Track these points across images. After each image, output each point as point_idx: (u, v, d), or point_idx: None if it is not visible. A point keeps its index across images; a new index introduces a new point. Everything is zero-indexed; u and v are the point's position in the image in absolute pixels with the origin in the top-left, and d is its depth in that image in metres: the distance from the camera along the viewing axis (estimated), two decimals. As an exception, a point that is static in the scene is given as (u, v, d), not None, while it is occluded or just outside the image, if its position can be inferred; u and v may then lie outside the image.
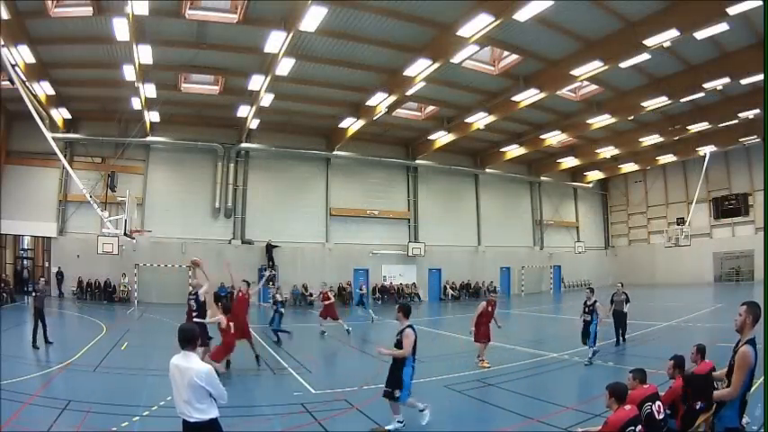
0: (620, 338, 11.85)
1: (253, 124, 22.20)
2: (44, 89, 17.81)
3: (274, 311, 12.89)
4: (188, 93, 19.87)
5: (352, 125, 22.42)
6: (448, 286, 28.25)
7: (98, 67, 17.24)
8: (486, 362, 9.63)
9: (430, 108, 22.81)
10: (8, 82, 12.57)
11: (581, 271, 34.12)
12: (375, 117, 20.53)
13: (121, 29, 13.04)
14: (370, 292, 26.00)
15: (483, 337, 9.78)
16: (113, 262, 21.08)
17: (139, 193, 21.94)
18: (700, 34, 14.22)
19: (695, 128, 23.88)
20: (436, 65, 15.82)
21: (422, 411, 6.01)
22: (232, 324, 8.74)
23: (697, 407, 4.73)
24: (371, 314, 18.23)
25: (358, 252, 26.35)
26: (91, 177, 21.00)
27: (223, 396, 3.65)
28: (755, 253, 27.49)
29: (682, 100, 20.01)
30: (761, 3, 11.78)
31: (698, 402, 4.73)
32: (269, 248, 23.83)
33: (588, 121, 22.81)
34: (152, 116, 20.80)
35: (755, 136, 24.76)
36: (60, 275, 21.64)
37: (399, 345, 5.83)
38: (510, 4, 12.37)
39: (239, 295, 10.53)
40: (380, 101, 19.04)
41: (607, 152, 28.81)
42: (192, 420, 3.52)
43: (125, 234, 15.80)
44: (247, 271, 21.61)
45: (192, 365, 3.57)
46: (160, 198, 23.01)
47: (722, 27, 13.71)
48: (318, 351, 12.49)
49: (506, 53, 17.51)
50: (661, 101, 19.78)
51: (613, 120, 22.24)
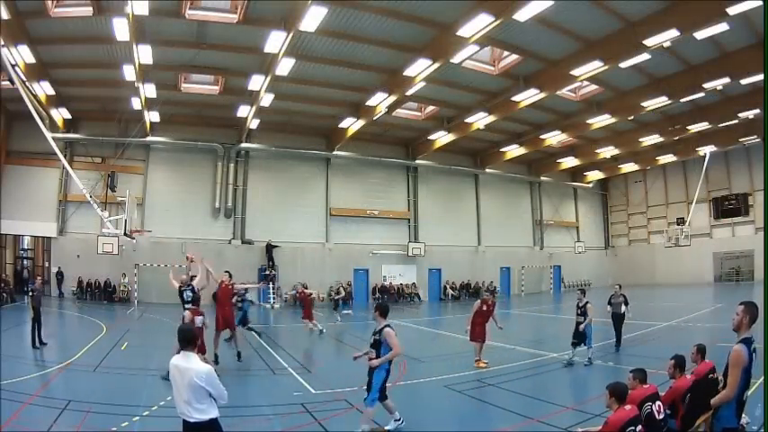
0: (619, 341, 11.67)
1: (253, 124, 22.19)
2: (44, 89, 17.80)
3: (239, 309, 11.99)
4: (188, 93, 19.86)
5: (352, 125, 22.40)
6: (448, 286, 28.26)
7: (98, 67, 17.24)
8: (483, 362, 9.61)
9: (430, 108, 22.80)
10: (8, 82, 12.53)
11: (581, 271, 34.10)
12: (375, 117, 20.52)
13: (121, 29, 13.05)
14: (370, 293, 26.10)
15: (478, 337, 9.74)
16: (113, 262, 21.07)
17: (139, 193, 21.92)
18: (700, 34, 14.22)
19: (695, 128, 23.88)
20: (436, 65, 15.81)
21: (396, 421, 5.91)
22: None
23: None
24: (338, 317, 17.66)
25: (358, 252, 26.34)
26: (91, 177, 20.97)
27: (223, 396, 3.66)
28: (755, 253, 27.50)
29: (682, 100, 20.00)
30: (761, 3, 11.78)
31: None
32: (269, 248, 23.82)
33: (588, 121, 22.81)
34: (152, 116, 20.79)
35: (755, 136, 24.76)
36: (60, 275, 21.66)
37: (376, 345, 5.75)
38: (510, 4, 12.37)
39: (222, 285, 10.52)
40: (380, 101, 19.03)
41: (607, 152, 28.82)
42: (192, 420, 3.53)
43: (125, 234, 15.77)
44: (247, 271, 21.77)
45: (192, 366, 3.58)
46: (160, 198, 22.99)
47: (722, 27, 13.71)
48: (318, 351, 12.49)
49: (506, 53, 17.50)
50: (661, 101, 19.78)
51: (613, 120, 22.24)
